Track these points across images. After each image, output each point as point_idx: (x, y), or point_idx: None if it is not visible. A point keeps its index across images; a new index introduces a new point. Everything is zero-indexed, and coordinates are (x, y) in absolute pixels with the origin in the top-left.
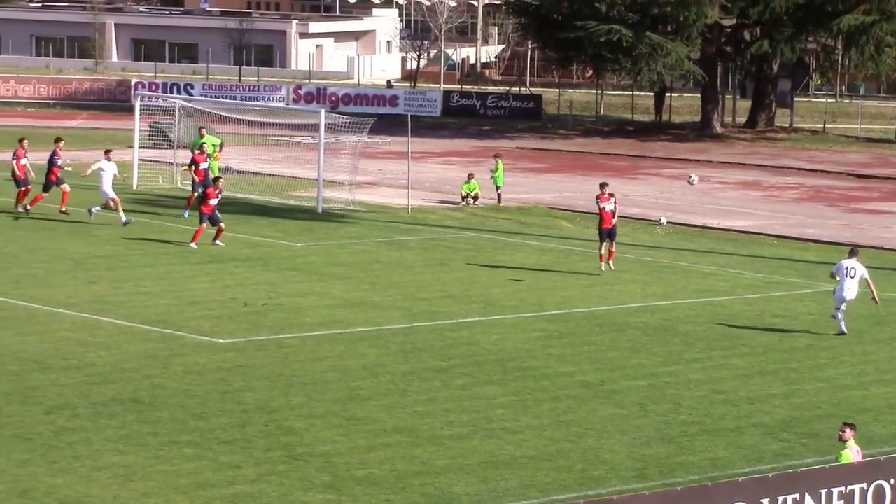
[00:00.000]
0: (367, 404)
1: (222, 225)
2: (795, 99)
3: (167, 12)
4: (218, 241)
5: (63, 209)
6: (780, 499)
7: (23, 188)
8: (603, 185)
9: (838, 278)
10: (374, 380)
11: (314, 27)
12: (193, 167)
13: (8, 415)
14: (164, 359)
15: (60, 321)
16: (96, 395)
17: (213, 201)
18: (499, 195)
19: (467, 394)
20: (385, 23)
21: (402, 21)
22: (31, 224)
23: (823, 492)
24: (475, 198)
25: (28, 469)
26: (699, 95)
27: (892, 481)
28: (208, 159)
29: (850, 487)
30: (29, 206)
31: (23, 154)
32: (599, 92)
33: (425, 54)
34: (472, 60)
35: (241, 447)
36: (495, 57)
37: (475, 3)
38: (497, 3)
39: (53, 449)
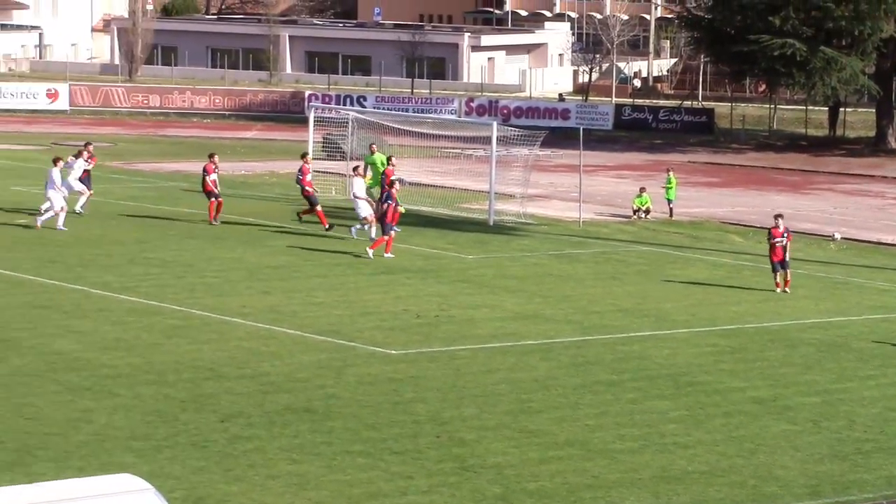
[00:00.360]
0: (539, 417)
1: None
2: None
3: (341, 25)
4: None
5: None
6: None
7: (212, 200)
8: (777, 218)
9: None
10: (546, 392)
11: (486, 40)
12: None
13: (184, 422)
14: (337, 369)
15: (235, 330)
16: (270, 403)
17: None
18: (671, 209)
19: (639, 408)
20: (557, 36)
21: (574, 34)
22: (207, 233)
23: None
24: (647, 212)
25: (203, 476)
26: (874, 110)
27: None
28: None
29: None
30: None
31: (212, 169)
32: (772, 106)
33: (597, 67)
34: (644, 74)
35: (412, 458)
36: (667, 70)
37: (647, 17)
38: (670, 16)
39: (228, 457)
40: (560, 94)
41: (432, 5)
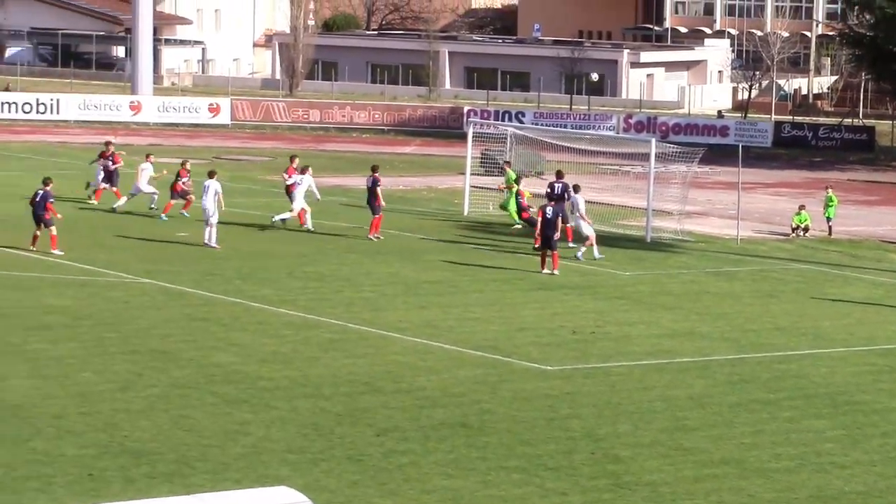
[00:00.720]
0: (694, 434)
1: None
2: None
3: (500, 41)
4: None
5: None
6: None
7: (376, 215)
8: None
9: None
10: (701, 410)
11: (646, 56)
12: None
13: (340, 436)
14: (492, 384)
15: (391, 344)
16: (425, 418)
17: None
18: (829, 227)
19: (795, 427)
20: (717, 53)
21: (733, 51)
22: (365, 248)
23: None
24: (805, 230)
25: (359, 490)
26: None
27: None
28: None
29: None
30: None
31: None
32: None
33: (757, 84)
34: (804, 91)
35: (567, 474)
36: (828, 88)
37: (808, 34)
38: (831, 33)
39: (383, 471)
40: (719, 111)
41: (592, 21)
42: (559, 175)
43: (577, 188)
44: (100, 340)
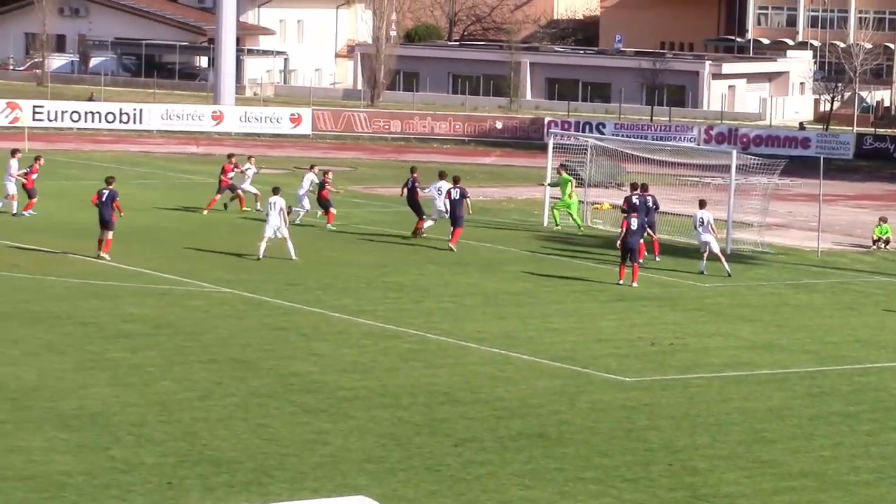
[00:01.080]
0: (773, 447)
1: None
2: None
3: (582, 52)
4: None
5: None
6: None
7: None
8: None
9: None
10: (780, 423)
11: (727, 68)
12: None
13: (418, 446)
14: (570, 395)
15: (470, 355)
16: (503, 429)
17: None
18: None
19: (875, 440)
20: (799, 64)
21: (816, 63)
22: (446, 259)
23: None
24: (886, 242)
25: (436, 500)
26: None
27: None
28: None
29: None
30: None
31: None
32: None
33: (839, 96)
34: (887, 103)
35: (644, 486)
36: None
37: (892, 46)
38: None
39: (461, 481)
40: (801, 123)
41: (673, 33)
42: (644, 188)
43: (703, 203)
44: (179, 349)
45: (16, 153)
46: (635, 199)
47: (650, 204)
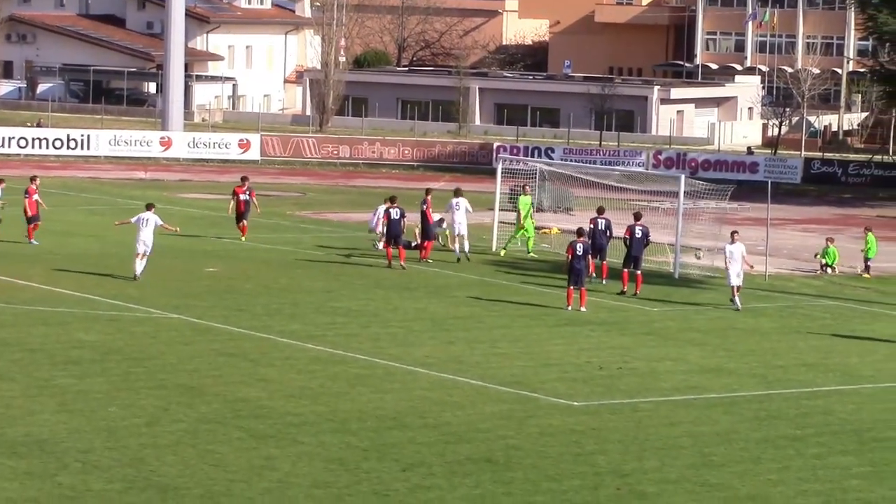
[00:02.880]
0: (721, 471)
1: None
2: None
3: (531, 77)
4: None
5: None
6: None
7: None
8: None
9: None
10: (728, 446)
11: (676, 93)
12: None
13: (366, 471)
14: (518, 419)
15: (418, 380)
16: (451, 453)
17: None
18: (867, 266)
19: (822, 463)
20: (747, 89)
21: (764, 88)
22: (393, 283)
23: None
24: (831, 266)
25: None
26: None
27: None
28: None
29: None
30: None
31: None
32: None
33: (787, 121)
34: (835, 128)
35: None
36: (858, 125)
37: (839, 71)
38: (862, 70)
39: None
40: (749, 148)
41: (622, 58)
42: (601, 211)
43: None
44: (127, 375)
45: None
46: (596, 224)
47: (602, 227)
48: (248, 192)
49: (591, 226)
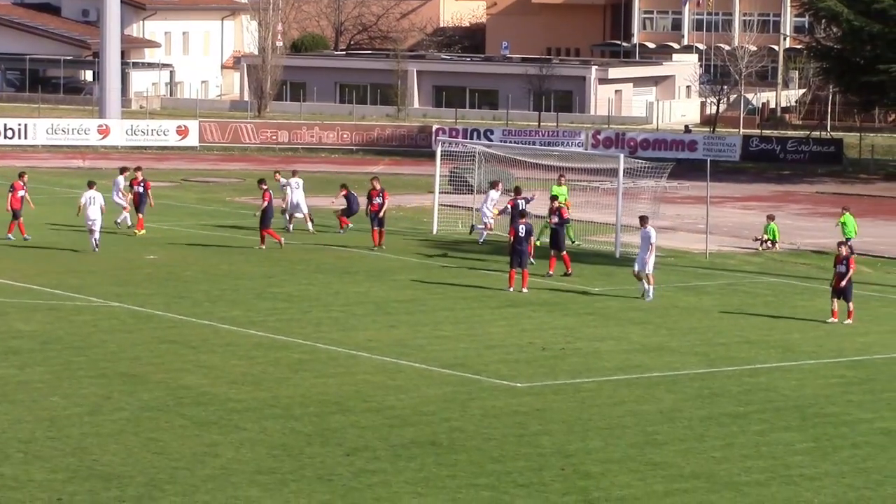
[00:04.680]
0: (664, 449)
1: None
2: None
3: (468, 59)
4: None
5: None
6: None
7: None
8: (840, 245)
9: None
10: (671, 424)
11: (614, 72)
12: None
13: (309, 456)
14: (462, 402)
15: (361, 364)
16: (395, 437)
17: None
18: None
19: (765, 440)
20: (684, 68)
21: (701, 66)
22: (334, 268)
23: None
24: (773, 242)
25: None
26: None
27: None
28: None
29: None
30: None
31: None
32: None
33: (725, 99)
34: (773, 105)
35: (537, 490)
36: (795, 101)
37: (776, 48)
38: (798, 47)
39: (353, 490)
40: (686, 126)
41: (559, 38)
42: (518, 192)
43: (644, 219)
44: (68, 364)
45: None
46: (518, 204)
47: (522, 207)
48: (142, 184)
49: (510, 206)
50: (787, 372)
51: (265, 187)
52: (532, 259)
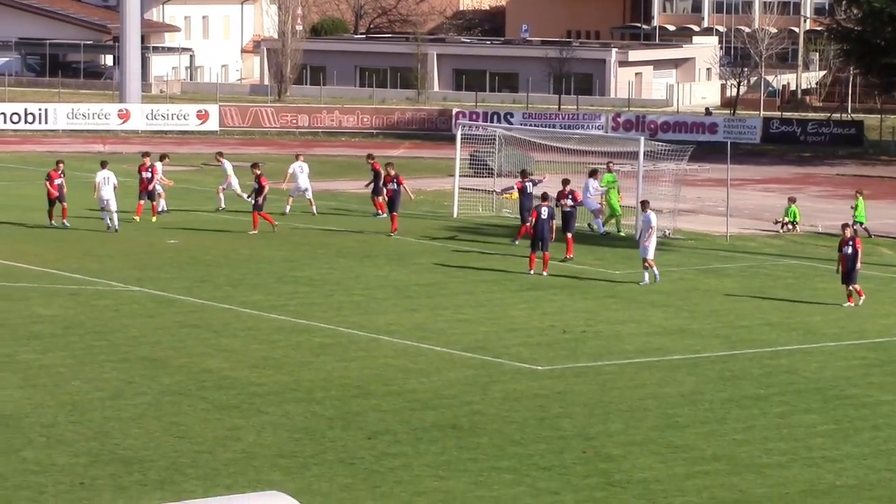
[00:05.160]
0: (685, 432)
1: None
2: None
3: (489, 42)
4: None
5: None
6: None
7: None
8: (844, 227)
9: None
10: (693, 407)
11: (634, 55)
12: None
13: (331, 439)
14: (483, 385)
15: (382, 348)
16: (417, 420)
17: None
18: (865, 229)
19: (786, 422)
20: (705, 50)
21: (721, 48)
22: (355, 252)
23: None
24: (794, 224)
25: (351, 493)
26: None
27: None
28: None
29: None
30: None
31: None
32: None
33: (745, 81)
34: (793, 87)
35: (558, 473)
36: (816, 83)
37: (796, 30)
38: (819, 29)
39: (375, 474)
40: (707, 109)
41: (580, 21)
42: (524, 174)
43: (645, 204)
44: (90, 349)
45: None
46: (528, 186)
47: (530, 190)
48: (150, 170)
49: (517, 188)
50: (808, 354)
51: (259, 172)
52: (517, 241)
